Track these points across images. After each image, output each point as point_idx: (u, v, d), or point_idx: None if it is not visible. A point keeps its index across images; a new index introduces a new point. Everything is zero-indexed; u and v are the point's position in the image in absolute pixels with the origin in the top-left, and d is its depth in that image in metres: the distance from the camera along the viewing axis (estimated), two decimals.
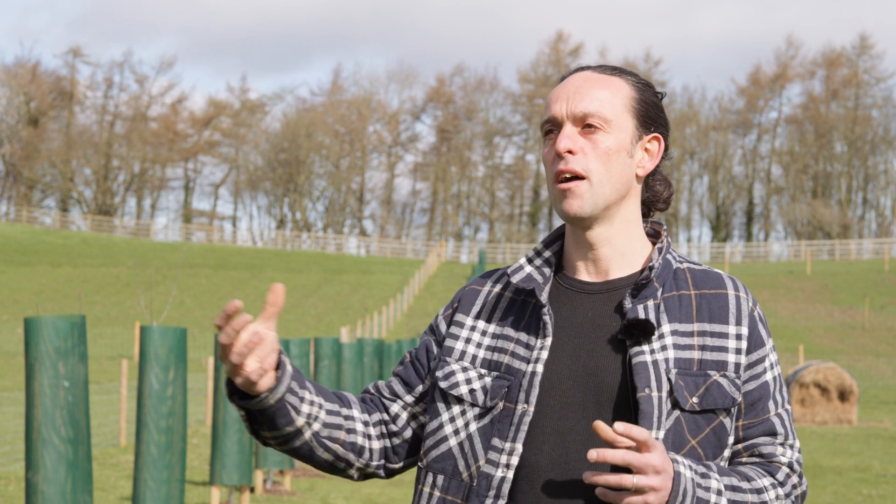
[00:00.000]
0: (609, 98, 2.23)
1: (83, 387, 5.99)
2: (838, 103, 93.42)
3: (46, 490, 5.84)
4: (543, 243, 2.32)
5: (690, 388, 2.15)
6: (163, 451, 7.56)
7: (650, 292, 2.20)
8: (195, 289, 58.47)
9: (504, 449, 2.17)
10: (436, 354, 2.32)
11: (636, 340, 2.16)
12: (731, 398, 2.17)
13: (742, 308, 2.23)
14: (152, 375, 7.62)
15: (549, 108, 2.24)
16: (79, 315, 6.00)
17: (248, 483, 10.51)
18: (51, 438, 5.87)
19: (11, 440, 16.62)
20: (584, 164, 2.19)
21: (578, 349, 2.19)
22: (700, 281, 2.25)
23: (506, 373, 2.21)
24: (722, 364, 2.18)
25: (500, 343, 2.25)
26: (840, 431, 23.40)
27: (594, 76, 2.26)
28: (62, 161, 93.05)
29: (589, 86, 2.24)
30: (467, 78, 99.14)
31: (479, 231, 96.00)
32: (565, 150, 2.19)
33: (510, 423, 2.17)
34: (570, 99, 2.22)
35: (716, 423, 2.17)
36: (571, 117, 2.21)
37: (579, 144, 2.20)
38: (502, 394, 2.20)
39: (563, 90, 2.24)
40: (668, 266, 2.25)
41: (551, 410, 2.17)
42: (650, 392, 2.12)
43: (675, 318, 2.20)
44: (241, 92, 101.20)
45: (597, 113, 2.21)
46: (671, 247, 2.29)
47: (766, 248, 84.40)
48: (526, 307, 2.27)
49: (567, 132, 2.20)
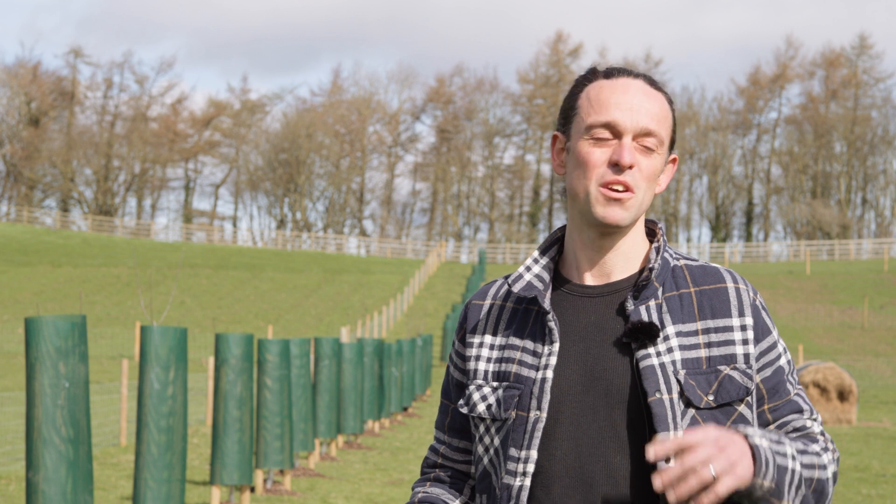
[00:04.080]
0: (664, 119, 2.24)
1: (84, 386, 6.01)
2: (838, 103, 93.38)
3: (47, 490, 5.86)
4: (540, 250, 2.33)
5: (703, 387, 2.16)
6: (163, 451, 7.58)
7: (651, 293, 2.22)
8: (195, 289, 58.46)
9: (520, 458, 2.18)
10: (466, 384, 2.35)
11: (641, 343, 2.17)
12: (745, 388, 2.18)
13: (743, 299, 2.24)
14: (153, 375, 7.64)
15: (610, 111, 2.22)
16: (79, 315, 6.02)
17: (249, 483, 10.53)
18: (51, 438, 5.89)
19: (12, 440, 16.64)
20: (636, 181, 2.20)
21: (585, 354, 2.20)
22: (699, 277, 2.26)
23: (515, 382, 2.23)
24: (731, 357, 2.19)
25: (508, 353, 2.27)
26: (839, 431, 23.40)
27: (650, 91, 2.26)
28: (63, 161, 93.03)
29: (650, 102, 2.23)
30: (467, 78, 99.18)
31: (479, 231, 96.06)
32: (629, 165, 2.19)
33: (524, 430, 2.19)
34: (635, 111, 2.21)
35: (735, 415, 2.18)
36: (635, 131, 2.21)
37: (636, 159, 2.21)
38: (514, 403, 2.21)
39: (624, 98, 2.22)
40: (666, 265, 2.26)
41: (562, 416, 2.18)
42: (660, 395, 2.14)
43: (678, 318, 2.21)
44: (242, 92, 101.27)
45: (656, 134, 2.22)
46: (667, 244, 2.31)
47: (765, 248, 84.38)
48: (529, 315, 2.28)
49: (629, 145, 2.20)
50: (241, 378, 10.34)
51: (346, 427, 17.87)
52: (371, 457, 17.12)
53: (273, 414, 11.98)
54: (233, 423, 10.28)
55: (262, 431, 11.96)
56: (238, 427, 10.29)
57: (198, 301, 55.06)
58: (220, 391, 10.33)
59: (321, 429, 15.98)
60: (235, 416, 10.28)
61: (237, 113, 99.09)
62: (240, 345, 10.38)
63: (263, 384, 11.97)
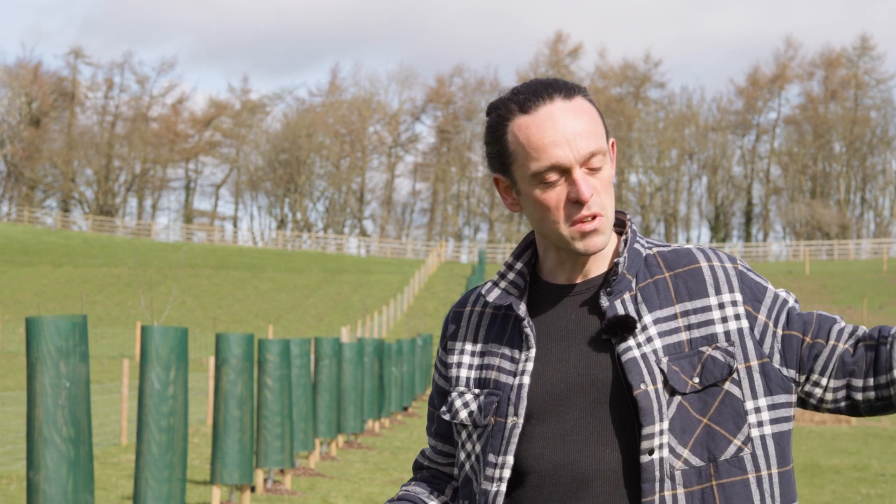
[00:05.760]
0: (595, 127, 2.18)
1: (84, 386, 6.03)
2: (837, 104, 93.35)
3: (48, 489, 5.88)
4: (514, 255, 2.32)
5: (687, 370, 2.16)
6: (164, 451, 7.60)
7: (624, 286, 2.21)
8: (196, 289, 58.46)
9: (497, 463, 2.20)
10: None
11: (621, 337, 2.18)
12: (728, 367, 2.17)
13: (719, 276, 2.22)
14: (153, 375, 7.66)
15: (547, 153, 2.15)
16: (80, 315, 6.04)
17: (249, 482, 10.56)
18: (52, 438, 5.91)
19: (13, 440, 16.66)
20: (600, 204, 2.17)
21: (567, 352, 2.21)
22: (672, 261, 2.25)
23: (494, 388, 2.24)
24: (711, 337, 2.18)
25: (488, 360, 2.28)
26: (839, 431, 23.41)
27: (570, 106, 2.18)
28: (63, 161, 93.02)
29: (577, 121, 2.17)
30: (467, 78, 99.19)
31: (479, 231, 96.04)
32: (590, 197, 2.16)
33: (501, 437, 2.20)
34: (572, 142, 2.15)
35: (722, 394, 2.17)
36: (580, 161, 2.15)
37: (591, 186, 2.17)
38: (493, 409, 2.23)
39: (555, 132, 2.15)
40: (637, 255, 2.25)
41: (549, 417, 2.19)
42: (645, 387, 2.14)
43: (654, 305, 2.20)
44: (242, 92, 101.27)
45: (597, 150, 2.17)
46: (637, 234, 2.29)
47: (764, 248, 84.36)
48: (507, 321, 2.29)
49: (582, 178, 2.15)
50: (241, 378, 10.37)
51: (346, 427, 17.88)
52: (371, 456, 17.14)
53: (273, 414, 12.00)
54: (233, 422, 10.30)
55: (263, 431, 11.99)
56: (238, 427, 10.31)
57: (198, 301, 55.06)
58: (221, 391, 10.35)
59: (321, 428, 16.00)
60: (236, 415, 10.31)
61: (238, 113, 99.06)
62: (240, 345, 10.41)
63: (264, 384, 11.99)
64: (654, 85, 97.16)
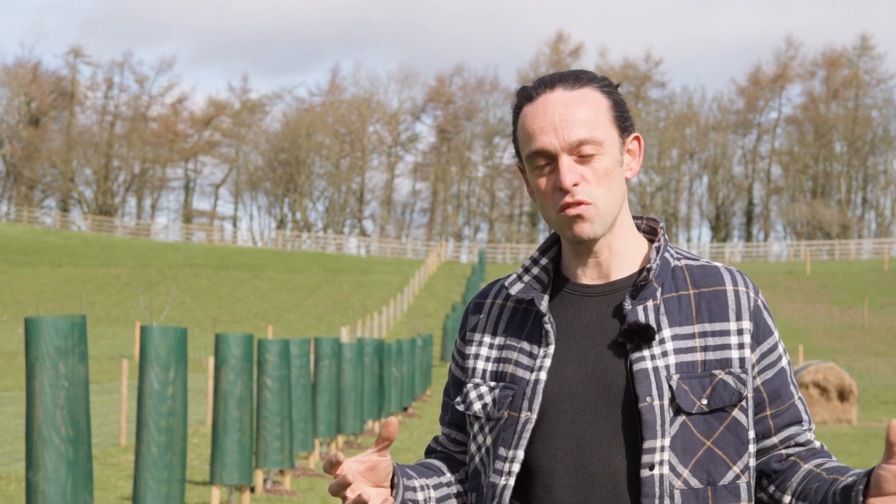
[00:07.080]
0: (593, 117, 2.18)
1: (83, 386, 6.01)
2: (838, 103, 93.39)
3: (47, 490, 5.86)
4: (540, 250, 2.32)
5: (697, 391, 2.16)
6: (163, 451, 7.57)
7: (649, 293, 2.20)
8: (195, 289, 58.46)
9: (507, 457, 2.19)
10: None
11: (637, 345, 2.17)
12: (738, 393, 2.17)
13: (742, 302, 2.22)
14: (152, 375, 7.64)
15: (535, 139, 2.18)
16: (79, 315, 6.02)
17: (249, 483, 10.53)
18: (51, 438, 5.88)
19: (12, 440, 16.63)
20: (588, 193, 2.17)
21: (585, 353, 2.20)
22: (698, 279, 2.24)
23: (510, 382, 2.24)
24: (726, 362, 2.18)
25: (506, 353, 2.27)
26: (839, 431, 23.42)
27: (570, 95, 2.19)
28: (63, 161, 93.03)
29: (571, 109, 2.18)
30: (467, 78, 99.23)
31: (479, 231, 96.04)
32: (572, 185, 2.16)
33: (513, 431, 2.19)
34: (559, 129, 2.16)
35: (729, 420, 2.17)
36: (567, 148, 2.17)
37: (580, 173, 2.17)
38: (507, 403, 2.22)
39: (545, 118, 2.18)
40: (666, 265, 2.24)
41: (563, 415, 2.18)
42: (651, 401, 2.13)
43: (675, 321, 2.20)
44: (242, 92, 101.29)
45: (590, 139, 2.16)
46: (668, 244, 2.28)
47: (765, 248, 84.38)
48: (528, 316, 2.28)
49: (567, 165, 2.16)
50: (241, 378, 10.34)
51: (346, 427, 17.87)
52: None
53: (273, 414, 11.98)
54: (233, 423, 10.27)
55: (262, 431, 11.97)
56: (238, 427, 10.29)
57: (198, 301, 55.05)
58: (220, 391, 10.33)
59: (321, 429, 15.98)
60: (235, 416, 10.28)
61: (237, 113, 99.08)
62: (240, 345, 10.38)
63: (263, 384, 11.97)
64: (654, 84, 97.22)
